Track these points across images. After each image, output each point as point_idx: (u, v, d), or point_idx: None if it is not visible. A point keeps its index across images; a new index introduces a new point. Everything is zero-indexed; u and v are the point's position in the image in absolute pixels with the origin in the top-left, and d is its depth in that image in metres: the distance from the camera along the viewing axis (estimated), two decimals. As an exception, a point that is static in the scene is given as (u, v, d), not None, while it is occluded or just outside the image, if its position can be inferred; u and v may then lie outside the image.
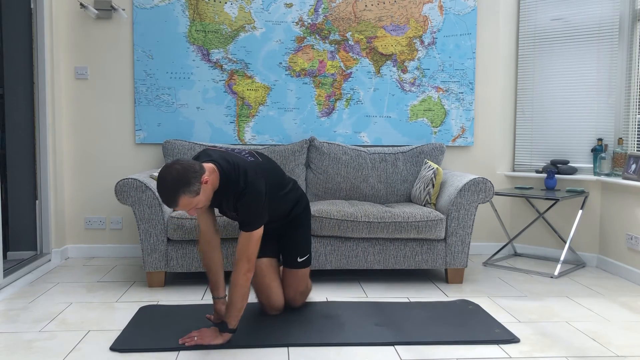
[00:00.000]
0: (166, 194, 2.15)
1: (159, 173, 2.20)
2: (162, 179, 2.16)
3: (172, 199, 2.16)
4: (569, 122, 3.94)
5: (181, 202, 2.17)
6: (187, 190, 2.16)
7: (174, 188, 2.14)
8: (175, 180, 2.14)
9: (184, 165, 2.17)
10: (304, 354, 2.26)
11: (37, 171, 3.63)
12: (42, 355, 2.22)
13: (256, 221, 2.34)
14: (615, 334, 2.51)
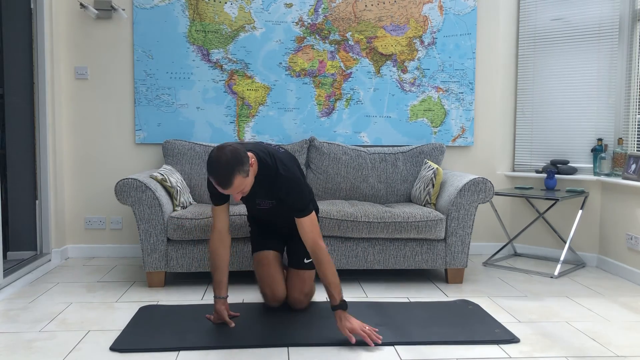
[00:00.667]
0: (223, 174, 2.19)
1: (210, 157, 2.23)
2: (216, 161, 2.20)
3: (228, 179, 2.20)
4: (569, 122, 3.94)
5: (235, 182, 2.22)
6: (242, 170, 2.22)
7: (229, 168, 2.19)
8: (229, 160, 2.20)
9: (234, 147, 2.24)
10: (304, 354, 2.26)
11: (37, 171, 3.63)
12: (42, 355, 2.22)
13: (308, 204, 2.45)
14: (615, 334, 2.51)
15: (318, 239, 2.42)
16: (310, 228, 2.43)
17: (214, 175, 2.22)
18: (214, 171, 2.22)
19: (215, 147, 2.27)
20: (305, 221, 2.43)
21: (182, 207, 3.33)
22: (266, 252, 2.74)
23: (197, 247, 3.17)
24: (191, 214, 3.14)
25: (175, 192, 3.30)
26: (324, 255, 2.40)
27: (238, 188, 2.26)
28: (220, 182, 2.22)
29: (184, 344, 2.32)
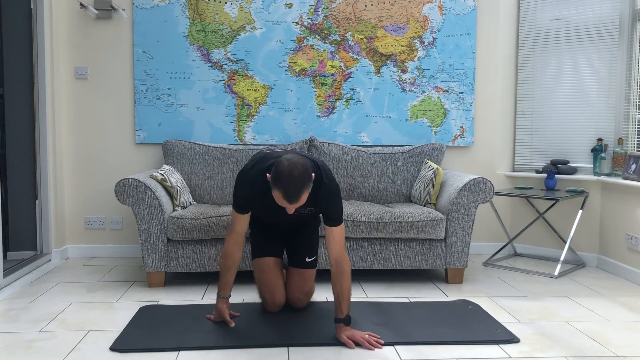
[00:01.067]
0: (294, 189, 2.15)
1: (281, 169, 2.15)
2: (289, 174, 2.15)
3: (297, 195, 2.16)
4: (569, 122, 3.94)
5: (302, 198, 2.19)
6: (310, 186, 2.20)
7: (301, 184, 2.16)
8: (303, 176, 2.16)
9: (304, 161, 2.21)
10: (304, 354, 2.26)
11: (37, 171, 3.63)
12: (42, 355, 2.22)
13: (342, 214, 2.46)
14: (615, 334, 2.51)
15: (344, 250, 2.44)
16: (340, 238, 2.43)
17: (283, 189, 2.15)
18: (284, 185, 2.15)
19: (286, 160, 2.19)
20: (337, 230, 2.42)
21: (182, 207, 3.33)
22: (267, 259, 2.71)
23: (197, 247, 3.17)
24: (191, 214, 3.14)
25: (175, 192, 3.30)
26: (347, 267, 2.40)
27: (301, 203, 2.22)
28: (288, 196, 2.16)
29: (184, 344, 2.32)
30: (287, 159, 2.19)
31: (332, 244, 2.42)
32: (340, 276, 2.38)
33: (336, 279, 2.39)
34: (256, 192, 2.45)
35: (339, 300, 2.37)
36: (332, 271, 2.42)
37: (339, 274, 2.38)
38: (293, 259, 2.78)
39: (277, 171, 2.18)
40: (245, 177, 2.47)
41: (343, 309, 2.37)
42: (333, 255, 2.41)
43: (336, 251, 2.41)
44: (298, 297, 2.74)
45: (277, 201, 2.23)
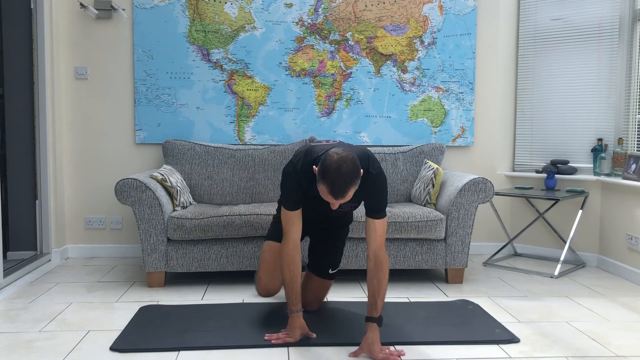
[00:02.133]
0: (341, 185, 2.06)
1: (330, 163, 2.06)
2: (337, 169, 2.05)
3: (345, 191, 2.07)
4: (569, 122, 3.94)
5: (349, 193, 2.09)
6: (357, 182, 2.11)
7: (349, 180, 2.07)
8: (351, 172, 2.07)
9: (353, 157, 2.11)
10: (304, 354, 2.26)
11: (37, 171, 3.63)
12: (42, 355, 2.22)
13: (386, 207, 2.36)
14: (615, 334, 2.51)
15: (384, 245, 2.32)
16: (382, 232, 2.31)
17: (330, 184, 2.06)
18: (331, 180, 2.05)
19: (335, 154, 2.09)
20: (379, 223, 2.31)
21: (182, 207, 3.33)
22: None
23: (197, 247, 3.17)
24: (191, 214, 3.14)
25: (175, 192, 3.30)
26: (386, 263, 2.29)
27: (347, 199, 2.12)
28: (334, 192, 2.07)
29: (184, 344, 2.32)
30: (337, 153, 2.10)
31: (373, 237, 2.30)
32: (379, 271, 2.26)
33: (373, 275, 2.26)
34: (303, 183, 2.33)
35: (375, 298, 2.24)
36: (369, 266, 2.29)
37: (377, 270, 2.26)
38: (316, 267, 2.71)
39: (325, 165, 2.08)
40: (294, 169, 2.33)
41: (379, 308, 2.24)
42: (372, 248, 2.30)
43: (376, 245, 2.30)
44: (312, 301, 2.73)
45: (322, 195, 2.13)
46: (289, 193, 2.35)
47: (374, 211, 2.31)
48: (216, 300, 2.95)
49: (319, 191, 2.16)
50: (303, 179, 2.32)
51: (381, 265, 2.27)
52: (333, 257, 2.73)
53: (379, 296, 2.24)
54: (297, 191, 2.34)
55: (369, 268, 2.29)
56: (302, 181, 2.33)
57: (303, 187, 2.34)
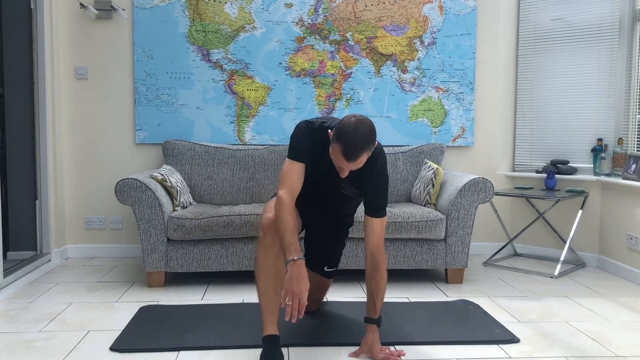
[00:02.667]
0: (355, 145, 1.99)
1: (347, 124, 2.02)
2: (354, 130, 2.00)
3: (357, 153, 2.01)
4: (569, 122, 3.94)
5: (361, 158, 2.03)
6: (371, 148, 2.05)
7: (364, 142, 2.01)
8: (367, 134, 2.02)
9: (370, 121, 2.07)
10: (304, 354, 2.26)
11: (37, 171, 3.63)
12: (42, 355, 2.22)
13: (386, 205, 2.29)
14: (615, 334, 2.51)
15: (382, 244, 2.26)
16: (380, 231, 2.26)
17: (344, 143, 1.99)
18: (346, 139, 1.99)
19: (353, 116, 2.04)
20: (378, 222, 2.25)
21: (182, 207, 3.33)
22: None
23: (197, 247, 3.17)
24: (191, 214, 3.14)
25: (175, 192, 3.30)
26: (383, 262, 2.23)
27: (358, 165, 2.05)
28: (347, 151, 2.00)
29: (184, 344, 2.32)
30: (354, 116, 2.06)
31: (370, 236, 2.24)
32: (376, 272, 2.21)
33: (371, 275, 2.22)
34: (316, 143, 2.23)
35: (373, 299, 2.20)
36: (366, 266, 2.25)
37: (375, 269, 2.21)
38: (311, 258, 2.63)
39: (343, 124, 2.03)
40: (308, 126, 2.25)
41: (377, 309, 2.20)
42: (370, 248, 2.24)
43: (374, 243, 2.24)
44: (309, 303, 2.66)
45: (333, 158, 2.06)
46: (299, 142, 2.20)
47: (372, 209, 2.26)
48: (216, 300, 2.96)
49: (330, 154, 2.08)
50: (317, 136, 2.24)
51: (378, 265, 2.22)
52: (331, 253, 2.63)
53: (377, 297, 2.21)
54: (308, 144, 2.22)
55: (366, 268, 2.26)
56: (316, 138, 2.23)
57: (315, 144, 2.23)
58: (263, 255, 2.12)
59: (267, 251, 2.12)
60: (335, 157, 2.06)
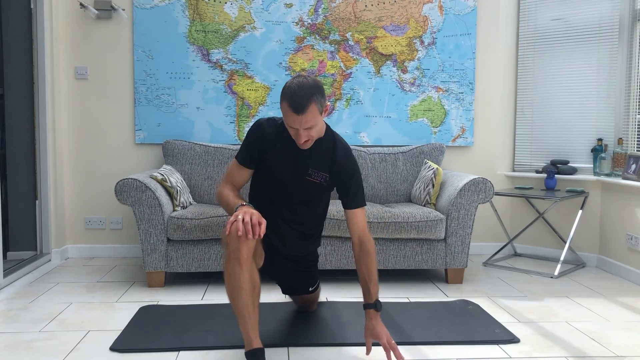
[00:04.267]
0: (301, 95, 2.00)
1: (288, 82, 2.07)
2: (299, 82, 2.03)
3: (304, 102, 2.00)
4: (569, 122, 3.94)
5: (310, 109, 2.01)
6: (319, 100, 2.04)
7: (309, 91, 2.01)
8: (311, 85, 2.03)
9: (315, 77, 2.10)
10: (304, 354, 2.26)
11: (37, 171, 3.63)
12: (42, 355, 2.22)
13: (364, 194, 2.30)
14: (615, 334, 2.51)
15: (367, 229, 2.25)
16: (362, 218, 2.24)
17: (290, 97, 2.01)
18: (291, 92, 2.01)
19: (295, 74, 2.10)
20: (359, 212, 2.24)
21: (182, 207, 3.33)
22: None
23: (197, 247, 3.17)
24: (191, 214, 3.14)
25: (175, 192, 3.30)
26: (372, 246, 2.21)
27: (310, 121, 2.03)
28: (294, 105, 2.00)
29: (184, 344, 2.32)
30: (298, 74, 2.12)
31: (355, 224, 2.23)
32: (366, 256, 2.19)
33: (361, 261, 2.20)
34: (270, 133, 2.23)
35: (367, 284, 2.17)
36: (355, 253, 2.22)
37: (364, 255, 2.19)
38: (294, 290, 2.61)
39: (286, 84, 2.07)
40: (259, 120, 2.27)
41: (372, 293, 2.16)
42: (356, 234, 2.22)
43: (359, 230, 2.22)
44: (304, 308, 2.74)
45: (286, 122, 2.06)
46: (246, 142, 2.25)
47: (351, 200, 2.24)
48: (216, 300, 2.96)
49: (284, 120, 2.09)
50: (270, 125, 2.24)
51: (367, 249, 2.20)
52: (307, 282, 2.57)
53: (370, 281, 2.17)
54: (254, 143, 2.23)
55: (355, 255, 2.23)
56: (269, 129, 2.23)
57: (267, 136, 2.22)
58: (238, 272, 1.98)
59: (243, 267, 1.98)
60: (286, 117, 2.05)
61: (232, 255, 1.98)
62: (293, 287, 2.60)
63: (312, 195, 2.31)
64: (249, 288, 2.00)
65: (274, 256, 2.37)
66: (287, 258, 2.43)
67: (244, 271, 1.98)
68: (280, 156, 2.23)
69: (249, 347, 2.03)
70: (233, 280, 1.99)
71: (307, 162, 2.24)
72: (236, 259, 1.98)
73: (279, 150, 2.23)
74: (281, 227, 2.33)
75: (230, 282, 2.00)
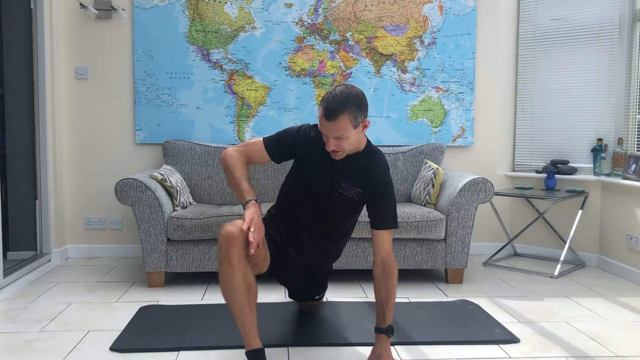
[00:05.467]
0: (335, 102, 1.98)
1: (337, 85, 2.06)
2: (340, 90, 2.01)
3: (337, 110, 1.97)
4: (569, 122, 3.94)
5: (341, 119, 1.98)
6: (353, 112, 1.99)
7: (345, 101, 1.98)
8: (349, 96, 2.00)
9: (359, 90, 2.06)
10: (304, 354, 2.26)
11: (37, 171, 3.63)
12: (42, 355, 2.22)
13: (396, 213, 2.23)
14: (615, 334, 2.51)
15: (392, 251, 2.19)
16: (389, 239, 2.18)
17: (325, 102, 2.00)
18: (328, 98, 2.00)
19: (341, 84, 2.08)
20: (387, 235, 2.17)
21: (182, 207, 3.33)
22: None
23: (197, 247, 3.17)
24: (191, 214, 3.14)
25: (175, 192, 3.30)
26: (395, 270, 2.14)
27: (340, 130, 1.99)
28: (327, 110, 1.98)
29: (184, 344, 2.32)
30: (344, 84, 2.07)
31: (381, 244, 2.16)
32: (387, 280, 2.11)
33: (382, 283, 2.11)
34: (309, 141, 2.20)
35: (382, 307, 2.09)
36: (375, 273, 2.14)
37: (385, 278, 2.11)
38: (301, 296, 2.64)
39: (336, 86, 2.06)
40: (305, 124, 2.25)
41: (387, 318, 2.09)
42: (380, 255, 2.15)
43: (384, 251, 2.15)
44: (306, 309, 2.75)
45: (320, 127, 2.04)
46: (280, 135, 2.23)
47: (381, 220, 2.17)
48: (216, 300, 2.95)
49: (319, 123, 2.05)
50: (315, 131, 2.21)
51: (390, 272, 2.12)
52: (319, 287, 2.59)
53: (387, 306, 2.09)
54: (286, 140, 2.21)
55: (375, 275, 2.15)
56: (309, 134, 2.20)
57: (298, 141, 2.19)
58: (231, 274, 1.96)
59: (235, 269, 1.95)
60: (319, 121, 2.04)
61: (223, 258, 1.97)
62: (301, 293, 2.62)
63: (342, 211, 2.26)
64: (243, 290, 1.98)
65: (287, 264, 2.35)
66: (302, 269, 2.42)
67: (236, 273, 1.96)
68: (316, 163, 2.20)
69: (248, 348, 2.04)
70: (226, 282, 1.98)
71: (341, 174, 2.19)
72: (227, 262, 1.96)
73: (316, 157, 2.20)
74: (303, 240, 2.29)
75: (224, 284, 1.99)
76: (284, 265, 2.34)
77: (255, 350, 2.03)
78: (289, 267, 2.36)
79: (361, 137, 2.14)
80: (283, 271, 2.38)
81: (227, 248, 1.95)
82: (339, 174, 2.19)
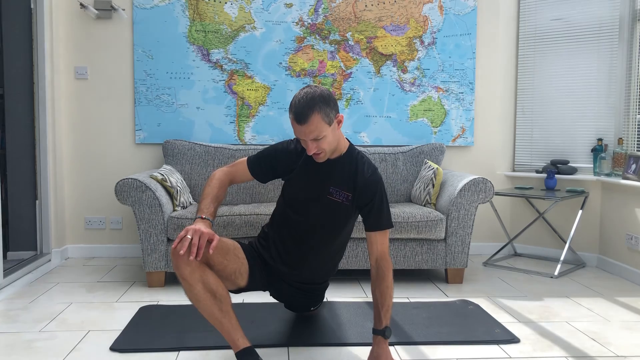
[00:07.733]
0: (304, 104, 1.99)
1: (300, 90, 2.07)
2: (304, 92, 2.02)
3: (306, 112, 1.98)
4: (569, 122, 3.94)
5: (313, 120, 1.99)
6: (323, 110, 2.00)
7: (313, 101, 1.99)
8: (315, 95, 2.00)
9: (325, 89, 2.07)
10: (304, 354, 2.26)
11: (37, 171, 3.63)
12: (42, 355, 2.22)
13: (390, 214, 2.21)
14: (615, 334, 2.51)
15: (387, 251, 2.16)
16: (384, 240, 2.16)
17: (293, 106, 2.02)
18: (296, 101, 2.01)
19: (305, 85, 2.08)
20: (381, 236, 2.15)
21: (182, 207, 3.33)
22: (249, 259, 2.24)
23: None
24: (191, 214, 3.14)
25: (175, 192, 3.30)
26: (389, 269, 2.11)
27: (314, 131, 1.99)
28: (297, 115, 1.99)
29: (184, 344, 2.32)
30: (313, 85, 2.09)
31: (375, 246, 2.15)
32: (382, 280, 2.09)
33: (376, 284, 2.10)
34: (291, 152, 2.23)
35: (378, 308, 2.07)
36: (371, 275, 2.13)
37: (380, 278, 2.09)
38: (296, 309, 2.62)
39: (300, 90, 2.07)
40: (289, 140, 2.30)
41: (382, 319, 2.05)
42: (374, 256, 2.14)
43: (378, 252, 2.14)
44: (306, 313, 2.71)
45: (295, 133, 2.05)
46: (264, 150, 2.28)
47: (375, 222, 2.16)
48: (216, 300, 2.95)
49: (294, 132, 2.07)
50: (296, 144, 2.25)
51: (383, 274, 2.10)
52: (313, 302, 2.55)
53: (382, 307, 2.06)
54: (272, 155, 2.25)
55: (372, 278, 2.14)
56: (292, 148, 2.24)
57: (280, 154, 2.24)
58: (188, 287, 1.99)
59: (190, 281, 1.97)
60: (293, 128, 2.05)
61: (177, 274, 1.99)
62: (295, 306, 2.59)
63: (334, 218, 2.23)
64: (208, 298, 2.00)
65: (274, 280, 2.35)
66: (293, 285, 2.39)
67: (192, 285, 1.97)
68: (301, 173, 2.22)
69: (236, 349, 2.04)
70: (189, 295, 2.02)
71: (328, 180, 2.18)
72: (181, 277, 1.98)
73: (301, 168, 2.22)
74: (296, 255, 2.29)
75: (189, 297, 2.03)
76: (271, 281, 2.35)
77: (244, 349, 2.03)
78: (277, 282, 2.37)
79: (339, 135, 2.15)
80: (271, 286, 2.39)
81: (175, 263, 1.96)
82: (325, 180, 2.19)
